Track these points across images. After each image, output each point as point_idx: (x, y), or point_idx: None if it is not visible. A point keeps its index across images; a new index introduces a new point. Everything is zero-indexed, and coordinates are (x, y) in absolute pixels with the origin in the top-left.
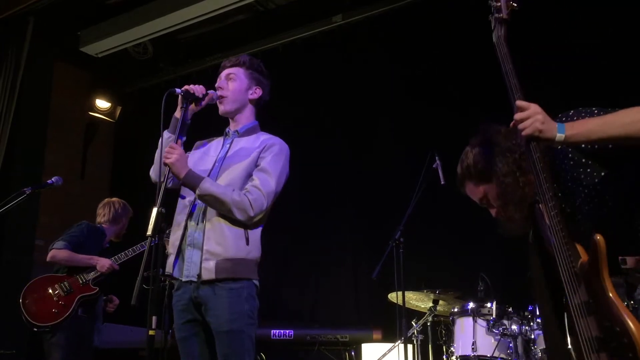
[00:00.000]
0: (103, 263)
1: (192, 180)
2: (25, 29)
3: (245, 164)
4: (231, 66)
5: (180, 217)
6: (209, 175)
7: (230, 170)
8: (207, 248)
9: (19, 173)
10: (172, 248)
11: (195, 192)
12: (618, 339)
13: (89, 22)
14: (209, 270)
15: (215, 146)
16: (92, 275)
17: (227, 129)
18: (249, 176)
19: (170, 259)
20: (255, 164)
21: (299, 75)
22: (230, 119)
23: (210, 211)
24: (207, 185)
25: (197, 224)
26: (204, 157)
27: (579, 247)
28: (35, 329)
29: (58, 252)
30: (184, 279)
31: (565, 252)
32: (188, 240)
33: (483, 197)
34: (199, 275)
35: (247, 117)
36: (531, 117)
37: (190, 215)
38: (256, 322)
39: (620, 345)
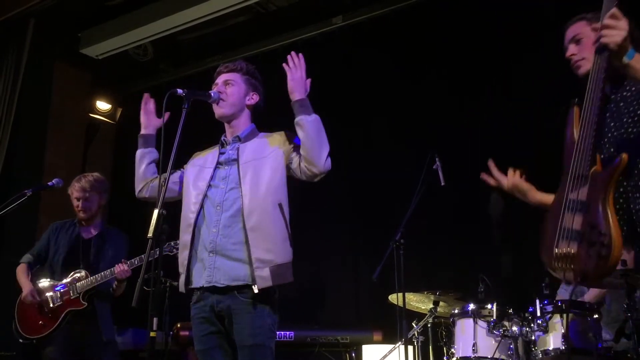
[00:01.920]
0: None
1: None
2: (25, 30)
3: (267, 162)
4: (228, 72)
5: (185, 236)
6: (210, 183)
7: (253, 171)
8: (257, 256)
9: (19, 175)
10: (181, 267)
11: (306, 116)
12: (597, 237)
13: (89, 23)
14: (264, 278)
15: (211, 158)
16: (84, 286)
17: (222, 138)
18: (276, 172)
19: (181, 279)
20: (285, 159)
21: None
22: (226, 124)
23: (250, 220)
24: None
25: (218, 230)
26: (203, 169)
27: (598, 158)
28: (21, 340)
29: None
30: (205, 285)
31: (586, 153)
32: (210, 247)
33: (581, 36)
34: (254, 284)
35: (244, 122)
36: (618, 29)
37: (197, 232)
38: (276, 334)
39: (596, 242)
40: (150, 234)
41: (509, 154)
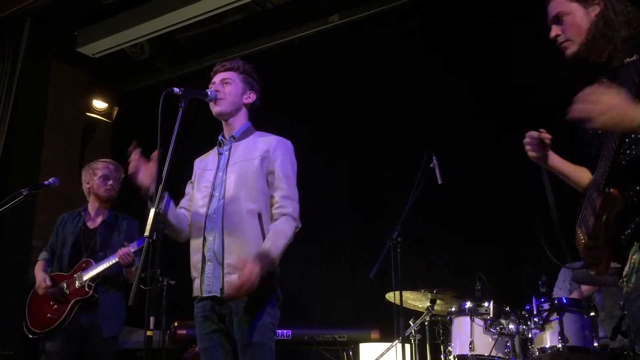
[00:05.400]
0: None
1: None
2: (22, 29)
3: (253, 165)
4: (225, 71)
5: (197, 240)
6: (214, 187)
7: (238, 174)
8: (229, 262)
9: (16, 174)
10: (194, 272)
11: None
12: (593, 249)
13: (86, 22)
14: (232, 285)
15: (212, 160)
16: (89, 275)
17: (220, 138)
18: (259, 177)
19: (196, 284)
20: (266, 168)
21: (297, 74)
22: (224, 123)
23: (228, 224)
24: (275, 253)
25: (214, 239)
26: (204, 173)
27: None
28: (31, 336)
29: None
30: (204, 294)
31: (605, 166)
32: (207, 256)
33: (563, 14)
34: (222, 290)
35: (240, 120)
36: (595, 108)
37: (206, 232)
38: (276, 332)
39: (593, 250)
40: (146, 233)
41: (508, 154)
